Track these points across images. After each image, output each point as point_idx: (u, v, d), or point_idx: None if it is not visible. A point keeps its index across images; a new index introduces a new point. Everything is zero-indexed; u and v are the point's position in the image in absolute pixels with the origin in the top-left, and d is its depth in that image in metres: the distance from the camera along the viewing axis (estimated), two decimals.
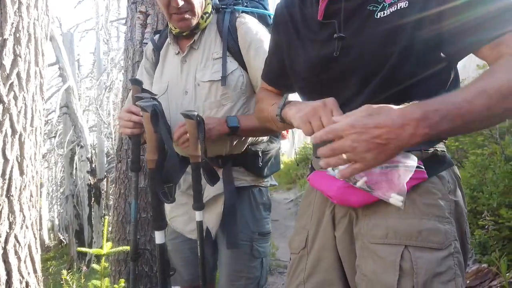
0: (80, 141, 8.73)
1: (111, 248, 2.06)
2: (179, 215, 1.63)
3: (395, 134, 0.74)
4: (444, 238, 0.86)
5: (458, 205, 0.93)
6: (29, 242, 2.86)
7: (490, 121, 0.79)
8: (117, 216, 2.69)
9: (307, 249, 1.07)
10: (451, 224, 0.89)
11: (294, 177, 10.20)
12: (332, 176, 0.98)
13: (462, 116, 0.73)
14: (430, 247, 0.85)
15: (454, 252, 0.87)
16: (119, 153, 2.75)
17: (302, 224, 1.12)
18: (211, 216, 1.54)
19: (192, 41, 1.58)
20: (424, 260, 0.84)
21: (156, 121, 1.06)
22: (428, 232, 0.86)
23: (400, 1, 0.88)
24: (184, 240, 1.64)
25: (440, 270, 0.84)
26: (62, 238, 11.21)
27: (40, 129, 3.14)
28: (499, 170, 2.41)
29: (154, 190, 1.08)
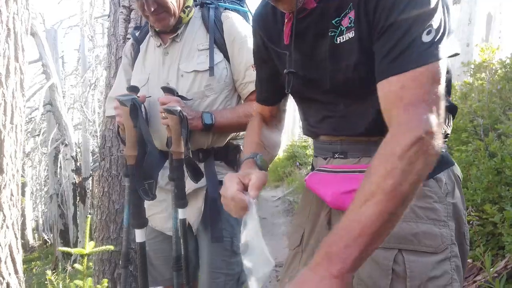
0: (64, 139, 8.59)
1: (94, 248, 2.01)
2: (158, 212, 1.60)
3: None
4: (439, 242, 0.86)
5: (456, 207, 0.92)
6: (10, 242, 2.79)
7: (396, 218, 0.72)
8: (100, 215, 2.64)
9: (302, 247, 1.09)
10: (448, 227, 0.88)
11: (282, 174, 10.21)
12: (328, 179, 0.99)
13: (367, 239, 0.68)
14: (424, 250, 0.85)
15: (451, 256, 0.87)
16: (102, 150, 2.70)
17: (299, 222, 1.14)
18: (191, 211, 1.52)
19: (175, 34, 1.58)
20: (418, 263, 0.84)
21: (135, 116, 1.03)
22: (423, 236, 0.85)
23: (350, 30, 0.87)
24: (164, 238, 1.61)
25: (435, 274, 0.84)
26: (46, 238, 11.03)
27: (20, 127, 3.06)
28: (483, 166, 2.44)
29: (134, 187, 1.05)
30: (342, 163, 1.00)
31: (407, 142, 0.69)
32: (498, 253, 2.28)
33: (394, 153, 0.70)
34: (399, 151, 0.69)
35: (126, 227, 1.39)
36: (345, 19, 0.86)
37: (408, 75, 0.74)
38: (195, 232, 1.57)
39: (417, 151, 0.69)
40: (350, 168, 0.97)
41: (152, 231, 1.66)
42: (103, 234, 2.60)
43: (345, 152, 0.99)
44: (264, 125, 1.18)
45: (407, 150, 0.69)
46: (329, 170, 1.01)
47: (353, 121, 0.94)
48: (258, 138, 1.11)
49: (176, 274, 1.40)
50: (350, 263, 0.67)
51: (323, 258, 0.69)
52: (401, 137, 0.71)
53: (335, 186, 0.95)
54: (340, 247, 0.68)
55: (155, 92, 1.54)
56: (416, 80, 0.74)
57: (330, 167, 1.01)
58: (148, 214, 1.65)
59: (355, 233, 0.67)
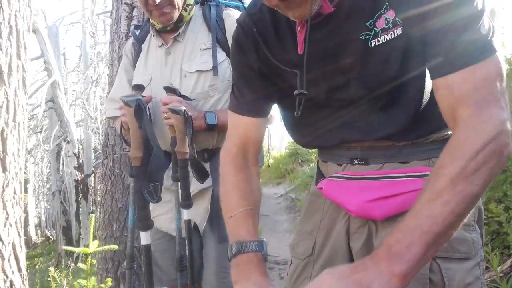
0: (66, 136, 8.58)
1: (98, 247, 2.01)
2: (163, 213, 1.60)
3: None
4: (471, 247, 0.85)
5: (481, 210, 0.92)
6: (13, 240, 2.79)
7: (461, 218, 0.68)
8: (103, 213, 2.64)
9: (314, 256, 1.04)
10: (477, 232, 0.87)
11: (284, 171, 10.19)
12: (350, 187, 0.94)
13: (432, 239, 0.65)
14: (458, 257, 0.83)
15: (480, 261, 0.86)
16: (105, 149, 2.69)
17: (307, 230, 1.08)
18: (198, 211, 1.52)
19: (176, 33, 1.55)
20: (453, 271, 0.82)
21: (140, 117, 1.01)
22: (456, 242, 0.83)
23: (395, 27, 0.80)
24: (169, 239, 1.60)
25: (469, 281, 0.83)
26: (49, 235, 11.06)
27: (23, 124, 3.05)
28: None
29: (139, 189, 1.04)
30: (364, 170, 0.94)
31: (481, 142, 0.66)
32: (503, 252, 2.27)
33: (467, 153, 0.67)
34: (472, 151, 0.66)
35: (131, 227, 1.39)
36: (380, 20, 0.80)
37: (474, 69, 0.70)
38: (202, 233, 1.56)
39: (491, 151, 0.66)
40: (374, 174, 0.92)
41: (157, 232, 1.65)
42: (106, 232, 2.60)
43: (366, 158, 0.94)
44: (249, 175, 1.02)
45: (480, 150, 0.66)
46: (349, 177, 0.95)
47: (378, 126, 0.89)
48: (251, 203, 0.96)
49: (180, 275, 1.39)
50: (413, 264, 0.64)
51: (386, 254, 0.66)
52: (474, 136, 0.68)
53: (359, 194, 0.91)
54: (404, 245, 0.65)
55: (158, 93, 1.52)
56: (483, 75, 0.70)
57: (349, 173, 0.96)
58: (153, 215, 1.64)
59: (421, 232, 0.65)
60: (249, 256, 0.87)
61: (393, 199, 0.87)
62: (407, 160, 0.91)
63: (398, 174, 0.89)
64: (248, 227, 0.92)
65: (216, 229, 1.50)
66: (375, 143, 0.92)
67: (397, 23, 0.79)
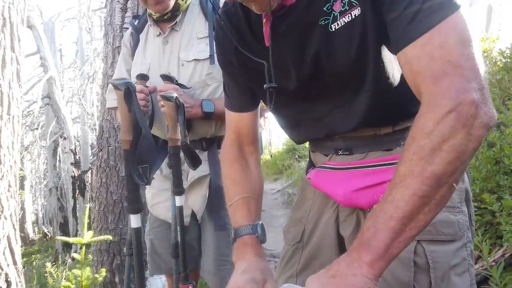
0: (63, 132, 8.56)
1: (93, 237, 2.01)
2: (161, 201, 1.61)
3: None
4: (457, 229, 0.85)
5: (467, 191, 0.91)
6: (8, 233, 2.79)
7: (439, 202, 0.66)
8: (98, 206, 2.64)
9: (303, 243, 1.06)
10: (462, 213, 0.87)
11: (281, 167, 10.21)
12: (336, 177, 0.95)
13: (398, 224, 0.64)
14: (443, 239, 0.83)
15: (467, 242, 0.86)
16: (100, 141, 2.69)
17: (298, 217, 1.10)
18: (196, 198, 1.53)
19: (173, 22, 1.56)
20: (439, 253, 0.82)
21: (130, 100, 1.02)
22: (441, 224, 0.83)
23: (352, 8, 0.77)
24: (168, 227, 1.61)
25: (455, 262, 0.83)
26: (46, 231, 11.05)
27: (18, 118, 3.05)
28: (482, 156, 2.43)
29: (128, 172, 1.05)
30: (348, 160, 0.95)
31: (438, 116, 0.62)
32: (496, 242, 2.28)
33: (423, 130, 0.63)
34: (428, 127, 0.63)
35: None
36: (337, 3, 0.78)
37: (430, 36, 0.64)
38: (200, 220, 1.58)
39: (453, 126, 0.61)
40: (359, 164, 0.93)
41: (156, 220, 1.67)
42: (101, 225, 2.60)
43: (350, 148, 0.94)
44: (246, 164, 1.04)
45: (437, 125, 0.62)
46: (334, 167, 0.96)
47: (355, 117, 0.87)
48: (248, 190, 0.99)
49: (175, 261, 1.40)
50: (380, 250, 0.64)
51: (358, 243, 0.68)
52: (432, 111, 0.63)
53: (345, 184, 0.91)
54: (372, 233, 0.66)
55: (156, 82, 1.53)
56: (440, 41, 0.64)
57: (335, 164, 0.97)
58: (152, 204, 1.66)
59: (385, 217, 0.65)
60: (244, 239, 0.91)
61: (378, 188, 0.87)
62: (390, 147, 0.91)
63: (382, 162, 0.90)
64: (243, 213, 0.95)
65: (214, 217, 1.51)
66: (357, 133, 0.92)
67: (353, 4, 0.76)
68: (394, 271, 0.84)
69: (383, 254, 0.65)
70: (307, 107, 0.94)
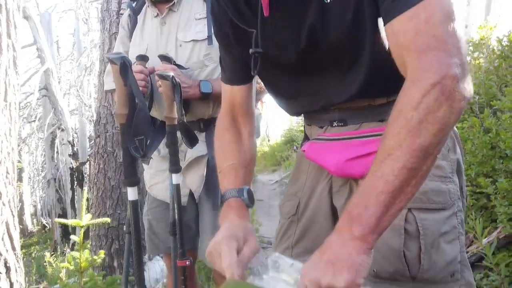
0: (60, 124, 8.55)
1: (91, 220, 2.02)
2: (160, 181, 1.63)
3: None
4: (447, 198, 0.86)
5: (459, 162, 0.93)
6: (7, 219, 2.80)
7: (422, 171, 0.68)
8: (96, 191, 2.65)
9: (298, 215, 1.07)
10: (453, 183, 0.89)
11: (279, 159, 10.24)
12: (330, 148, 0.96)
13: (388, 198, 0.66)
14: (434, 208, 0.85)
15: (457, 211, 0.88)
16: (97, 127, 2.69)
17: (293, 191, 1.11)
18: (194, 178, 1.55)
19: (171, 3, 1.56)
20: (429, 221, 0.84)
21: (125, 74, 1.02)
22: (432, 193, 0.85)
23: None
24: (166, 207, 1.63)
25: (445, 230, 0.85)
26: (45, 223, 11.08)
27: (15, 105, 3.04)
28: (478, 141, 2.45)
29: (125, 145, 1.06)
30: (343, 131, 0.96)
31: (423, 89, 0.64)
32: (491, 225, 2.30)
33: (409, 103, 0.65)
34: (414, 100, 0.65)
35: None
36: None
37: (416, 11, 0.66)
38: (197, 200, 1.59)
39: (434, 99, 0.64)
40: (352, 134, 0.94)
41: (154, 200, 1.68)
42: (99, 210, 2.62)
43: (345, 120, 0.95)
44: (237, 134, 1.05)
45: (423, 98, 0.64)
46: (329, 138, 0.98)
47: (349, 87, 0.89)
48: (236, 158, 0.99)
49: (173, 238, 1.42)
50: (372, 224, 0.66)
51: (347, 220, 0.69)
52: (417, 84, 0.65)
53: (338, 154, 0.93)
54: (361, 208, 0.67)
55: (154, 63, 1.53)
56: (426, 16, 0.66)
57: (329, 135, 0.98)
58: (150, 184, 1.68)
59: (375, 192, 0.66)
60: (229, 202, 0.91)
61: (371, 157, 0.88)
62: (384, 118, 0.91)
63: (376, 133, 0.91)
64: (231, 178, 0.96)
65: (211, 196, 1.52)
66: (352, 104, 0.93)
67: None
68: (384, 238, 0.85)
69: (374, 228, 0.67)
70: (303, 79, 0.95)
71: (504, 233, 2.01)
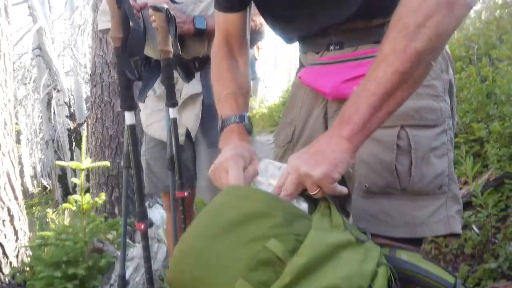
0: (56, 84, 8.45)
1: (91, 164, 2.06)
2: (156, 121, 1.64)
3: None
4: (439, 115, 0.88)
5: (451, 82, 0.94)
6: (7, 170, 2.85)
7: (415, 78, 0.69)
8: (95, 141, 2.68)
9: (293, 143, 1.09)
10: (445, 102, 0.91)
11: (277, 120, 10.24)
12: (326, 71, 0.96)
13: (379, 99, 0.67)
14: (426, 124, 0.87)
15: (447, 129, 0.90)
16: (93, 77, 2.67)
17: (288, 120, 1.12)
18: (189, 116, 1.55)
19: None
20: (421, 137, 0.86)
21: None
22: (424, 111, 0.87)
23: None
24: (163, 147, 1.64)
25: (435, 145, 0.87)
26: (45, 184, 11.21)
27: (9, 55, 3.01)
28: (474, 89, 2.45)
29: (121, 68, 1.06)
30: (339, 53, 0.96)
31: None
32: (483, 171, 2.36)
33: (409, 8, 0.65)
34: (414, 4, 0.65)
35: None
36: None
37: None
38: (194, 139, 1.61)
39: (434, 3, 0.64)
40: (349, 56, 0.94)
41: (151, 140, 1.70)
42: (98, 159, 2.65)
43: (341, 43, 0.95)
44: (233, 63, 1.05)
45: (423, 1, 0.64)
46: (325, 62, 0.98)
47: (350, 5, 0.88)
48: (235, 86, 1.00)
49: (172, 173, 1.45)
50: (360, 125, 0.68)
51: (338, 122, 0.72)
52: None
53: (334, 76, 0.93)
54: (352, 111, 0.69)
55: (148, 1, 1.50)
56: None
57: (325, 59, 0.98)
58: (146, 124, 1.69)
59: (366, 95, 0.68)
60: (231, 127, 0.94)
61: None
62: (381, 39, 0.92)
63: (372, 54, 0.91)
64: (231, 105, 0.97)
65: (207, 135, 1.54)
66: (349, 25, 0.92)
67: None
68: (377, 154, 0.88)
69: (361, 129, 0.69)
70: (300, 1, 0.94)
71: (494, 175, 2.06)
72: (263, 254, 0.59)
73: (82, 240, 2.06)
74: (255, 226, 0.63)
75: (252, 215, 0.64)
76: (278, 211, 0.64)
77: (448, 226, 0.86)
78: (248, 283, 0.58)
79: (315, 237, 0.63)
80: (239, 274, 0.58)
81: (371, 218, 0.88)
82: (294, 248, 0.61)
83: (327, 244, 0.63)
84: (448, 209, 0.87)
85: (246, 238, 0.62)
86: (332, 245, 0.64)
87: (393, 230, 0.86)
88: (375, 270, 0.66)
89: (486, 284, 1.68)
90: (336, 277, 0.60)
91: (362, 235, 0.72)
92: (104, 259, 2.08)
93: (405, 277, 0.77)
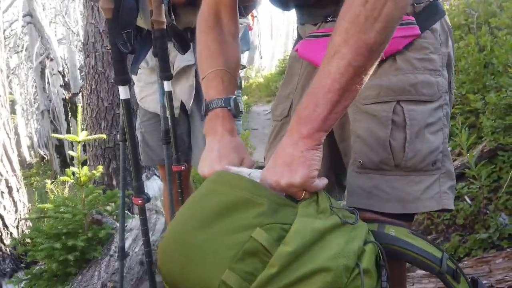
0: (49, 53, 8.30)
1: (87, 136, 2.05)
2: (150, 94, 1.62)
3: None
4: (436, 90, 0.87)
5: (450, 56, 0.93)
6: (3, 141, 2.84)
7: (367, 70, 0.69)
8: (90, 113, 2.66)
9: (290, 117, 1.07)
10: (443, 76, 0.89)
11: (274, 89, 10.17)
12: (323, 44, 0.94)
13: (335, 95, 0.67)
14: (422, 99, 0.86)
15: (444, 104, 0.89)
16: (86, 47, 2.62)
17: (285, 93, 1.11)
18: (183, 88, 1.54)
19: None
20: (416, 112, 0.85)
21: None
22: (421, 85, 0.86)
23: None
24: (158, 120, 1.64)
25: (430, 121, 0.87)
26: (43, 154, 11.22)
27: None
28: (471, 58, 2.43)
29: (113, 41, 1.04)
30: None
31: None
32: (477, 142, 2.37)
33: (357, 1, 0.65)
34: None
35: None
36: None
37: None
38: (189, 111, 1.60)
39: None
40: None
41: (145, 113, 1.69)
42: (94, 131, 2.64)
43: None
44: (222, 33, 0.99)
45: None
46: (323, 34, 0.96)
47: None
48: (222, 61, 0.95)
49: (166, 147, 1.45)
50: (319, 122, 0.69)
51: (296, 122, 0.71)
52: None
53: None
54: (310, 108, 0.69)
55: None
56: None
57: (323, 31, 0.96)
58: (140, 97, 1.67)
59: (323, 92, 0.68)
60: (216, 112, 0.90)
61: None
62: None
63: None
64: (217, 86, 0.93)
65: (201, 106, 1.53)
66: None
67: None
68: (372, 129, 0.88)
69: (321, 126, 0.70)
70: None
71: (488, 146, 2.07)
72: (249, 244, 0.60)
73: (81, 212, 2.09)
74: (240, 216, 0.63)
75: (237, 204, 0.65)
76: (263, 199, 0.65)
77: (441, 202, 0.87)
78: (235, 274, 0.59)
79: (301, 225, 0.64)
80: (225, 265, 0.60)
81: (364, 193, 0.89)
82: (280, 237, 0.62)
83: (312, 230, 0.64)
84: (441, 185, 0.88)
85: (231, 228, 0.62)
86: (319, 231, 0.65)
87: (385, 205, 0.87)
88: (362, 248, 0.67)
89: (477, 254, 1.73)
90: (322, 259, 0.62)
91: (351, 216, 0.73)
92: (103, 231, 2.12)
93: (393, 252, 0.79)
